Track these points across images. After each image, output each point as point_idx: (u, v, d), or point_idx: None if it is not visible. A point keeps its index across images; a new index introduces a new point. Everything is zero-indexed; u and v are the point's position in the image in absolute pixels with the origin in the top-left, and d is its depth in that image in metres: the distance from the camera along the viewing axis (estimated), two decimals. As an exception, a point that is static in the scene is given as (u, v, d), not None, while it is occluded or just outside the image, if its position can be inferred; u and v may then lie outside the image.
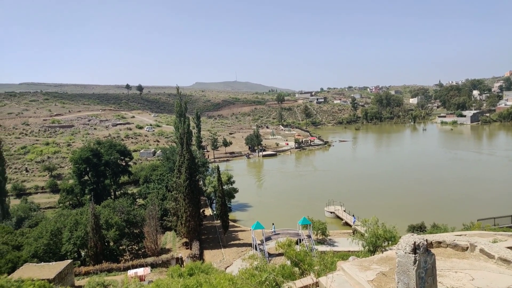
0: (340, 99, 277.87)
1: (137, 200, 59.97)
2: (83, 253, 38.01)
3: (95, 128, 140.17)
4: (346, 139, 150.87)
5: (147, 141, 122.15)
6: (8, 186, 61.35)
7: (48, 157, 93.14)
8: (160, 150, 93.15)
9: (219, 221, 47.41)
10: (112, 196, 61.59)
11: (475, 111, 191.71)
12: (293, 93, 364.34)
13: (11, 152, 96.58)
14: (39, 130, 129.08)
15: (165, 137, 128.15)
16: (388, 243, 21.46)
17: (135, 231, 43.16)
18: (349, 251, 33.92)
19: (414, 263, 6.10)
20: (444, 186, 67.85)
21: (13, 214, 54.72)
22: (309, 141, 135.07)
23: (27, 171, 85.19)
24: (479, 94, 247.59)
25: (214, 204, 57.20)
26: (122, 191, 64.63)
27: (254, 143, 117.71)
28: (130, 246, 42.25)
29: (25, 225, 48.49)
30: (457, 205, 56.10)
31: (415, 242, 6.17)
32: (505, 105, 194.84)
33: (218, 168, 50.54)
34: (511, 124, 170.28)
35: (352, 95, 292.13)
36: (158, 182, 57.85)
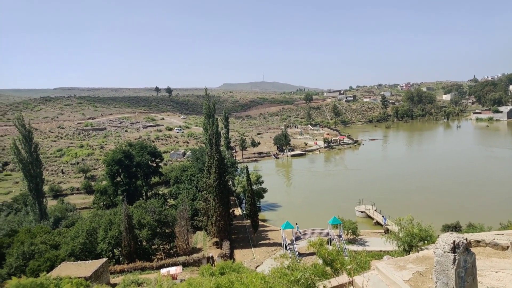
0: (369, 97, 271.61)
1: (168, 200, 60.98)
2: (117, 252, 39.26)
3: (126, 131, 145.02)
4: (376, 137, 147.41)
5: (176, 142, 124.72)
6: (45, 188, 63.82)
7: (82, 159, 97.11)
8: (189, 151, 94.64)
9: (248, 220, 47.76)
10: (144, 197, 63.08)
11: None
12: (321, 92, 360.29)
13: (48, 155, 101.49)
14: (74, 133, 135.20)
15: (194, 138, 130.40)
16: (424, 243, 20.82)
17: (166, 230, 43.98)
18: (381, 250, 33.18)
19: (454, 262, 5.97)
20: (479, 185, 65.07)
21: (51, 215, 56.00)
22: (338, 140, 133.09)
23: (63, 173, 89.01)
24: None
25: (244, 204, 57.62)
26: (153, 192, 66.11)
27: (283, 143, 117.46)
28: (162, 246, 43.15)
29: (62, 225, 49.68)
30: (493, 204, 53.56)
31: (454, 241, 6.03)
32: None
33: (247, 168, 50.92)
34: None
35: (382, 92, 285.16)
36: (188, 182, 58.51)
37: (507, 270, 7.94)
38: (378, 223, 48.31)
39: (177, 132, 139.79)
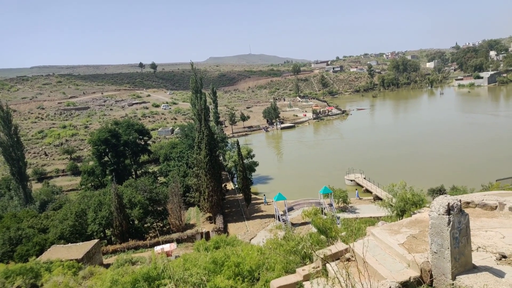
0: (356, 67, 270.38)
1: (159, 178, 60.78)
2: (108, 233, 39.09)
3: (111, 109, 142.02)
4: (364, 107, 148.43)
5: (164, 119, 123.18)
6: (29, 171, 62.41)
7: (66, 140, 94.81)
8: (178, 128, 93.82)
9: (241, 194, 48.21)
10: (134, 176, 62.47)
11: (492, 72, 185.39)
12: (308, 63, 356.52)
13: (29, 137, 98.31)
14: (55, 114, 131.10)
15: (182, 114, 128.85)
16: (416, 207, 21.45)
17: (158, 208, 43.87)
18: (371, 217, 34.16)
19: (448, 224, 6.07)
20: (461, 149, 66.97)
21: (36, 198, 54.92)
22: (326, 111, 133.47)
23: (46, 155, 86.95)
24: (496, 55, 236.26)
25: (236, 178, 57.92)
26: (143, 170, 65.57)
27: (272, 116, 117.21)
28: (155, 224, 43.02)
29: (49, 208, 48.75)
30: (475, 167, 55.28)
31: (449, 203, 6.11)
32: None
33: (237, 142, 50.78)
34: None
35: (368, 62, 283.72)
36: (178, 159, 58.14)
37: (496, 229, 8.17)
38: (367, 191, 49.44)
39: (164, 109, 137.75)
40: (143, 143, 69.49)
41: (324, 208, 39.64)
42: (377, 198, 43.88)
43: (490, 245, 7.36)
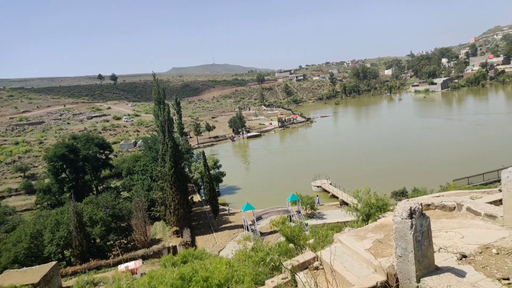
0: (318, 76, 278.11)
1: (122, 193, 58.85)
2: (67, 253, 37.21)
3: (68, 123, 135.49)
4: (327, 114, 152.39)
5: (126, 132, 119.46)
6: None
7: (19, 157, 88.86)
8: (141, 140, 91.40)
9: (208, 206, 47.44)
10: (94, 192, 60.29)
11: (445, 78, 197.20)
12: (272, 73, 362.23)
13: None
14: (6, 130, 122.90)
15: (145, 126, 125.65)
16: (381, 211, 22.05)
17: (122, 225, 42.55)
18: (338, 222, 34.80)
19: (411, 227, 6.16)
20: (420, 152, 70.27)
21: None
22: (292, 119, 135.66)
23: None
24: (447, 62, 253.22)
25: (202, 190, 57.06)
26: (104, 186, 63.25)
27: (238, 125, 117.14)
28: (119, 241, 41.79)
29: (1, 231, 45.81)
30: (433, 168, 58.01)
31: (411, 207, 6.21)
32: (472, 70, 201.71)
33: (203, 153, 50.19)
34: (478, 88, 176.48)
35: (330, 70, 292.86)
36: (142, 173, 56.67)
37: (455, 229, 8.44)
38: (334, 196, 50.40)
39: (126, 121, 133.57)
40: (104, 157, 67.35)
41: (293, 215, 39.84)
42: (343, 203, 44.85)
43: (451, 246, 7.57)
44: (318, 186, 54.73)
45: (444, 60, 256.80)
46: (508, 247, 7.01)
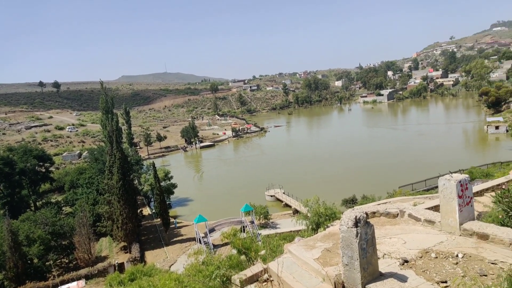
0: (272, 86, 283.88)
1: (64, 208, 55.21)
2: (1, 276, 33.73)
3: (4, 133, 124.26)
4: (281, 124, 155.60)
5: (70, 142, 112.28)
6: None
7: None
8: (86, 152, 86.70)
9: (159, 219, 45.71)
10: (32, 208, 56.14)
11: (391, 90, 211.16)
12: (226, 82, 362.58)
13: None
14: None
15: (92, 137, 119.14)
16: (329, 220, 22.57)
17: (63, 242, 39.91)
18: (291, 231, 35.14)
19: (356, 236, 6.24)
20: (369, 160, 73.75)
21: None
22: (245, 129, 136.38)
23: None
24: (392, 75, 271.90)
25: (153, 203, 55.03)
26: (44, 201, 58.72)
27: (191, 135, 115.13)
28: (59, 260, 38.90)
29: None
30: (381, 176, 61.06)
31: (356, 216, 6.30)
32: (414, 83, 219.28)
33: (153, 164, 48.47)
34: (420, 99, 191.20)
35: (283, 81, 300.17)
36: (87, 186, 53.95)
37: (398, 235, 8.74)
38: (287, 205, 51.04)
39: (70, 131, 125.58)
40: (44, 170, 62.94)
41: (246, 226, 39.62)
42: (296, 211, 45.53)
43: (394, 251, 7.80)
44: (271, 196, 55.15)
45: (390, 73, 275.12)
46: (446, 251, 7.37)
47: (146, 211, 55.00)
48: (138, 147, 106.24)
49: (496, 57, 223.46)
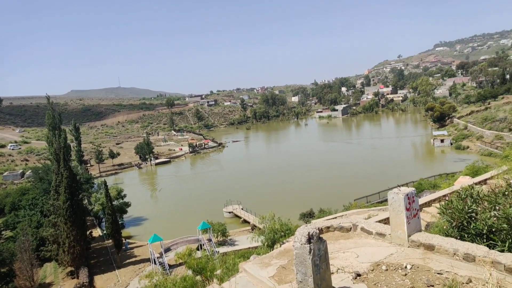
0: (230, 101, 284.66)
1: (3, 232, 50.44)
2: None
3: None
4: (239, 139, 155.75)
5: (12, 161, 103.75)
6: None
7: None
8: (30, 171, 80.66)
9: (110, 240, 43.11)
10: (-33, 233, 50.33)
11: (345, 105, 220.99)
12: (183, 97, 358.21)
13: None
14: None
15: (36, 155, 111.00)
16: (285, 236, 22.56)
17: (2, 270, 36.47)
18: (249, 248, 34.74)
19: (310, 252, 6.22)
20: (326, 174, 75.75)
21: None
22: (203, 144, 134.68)
23: None
24: (346, 90, 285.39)
25: (104, 223, 51.95)
26: (-20, 225, 53.36)
27: (145, 151, 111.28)
28: None
29: None
30: (337, 189, 62.82)
31: (309, 233, 6.30)
32: (367, 98, 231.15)
33: (105, 182, 45.95)
34: (372, 114, 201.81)
35: (240, 96, 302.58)
36: (30, 207, 50.25)
37: (351, 249, 8.88)
38: (245, 221, 50.61)
39: (12, 149, 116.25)
40: (-21, 191, 56.74)
41: (204, 244, 38.60)
42: (254, 227, 45.25)
43: (347, 266, 7.88)
44: (229, 212, 54.46)
45: (343, 89, 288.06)
46: (395, 263, 7.57)
47: (97, 232, 51.82)
48: (88, 165, 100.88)
49: (439, 74, 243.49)
